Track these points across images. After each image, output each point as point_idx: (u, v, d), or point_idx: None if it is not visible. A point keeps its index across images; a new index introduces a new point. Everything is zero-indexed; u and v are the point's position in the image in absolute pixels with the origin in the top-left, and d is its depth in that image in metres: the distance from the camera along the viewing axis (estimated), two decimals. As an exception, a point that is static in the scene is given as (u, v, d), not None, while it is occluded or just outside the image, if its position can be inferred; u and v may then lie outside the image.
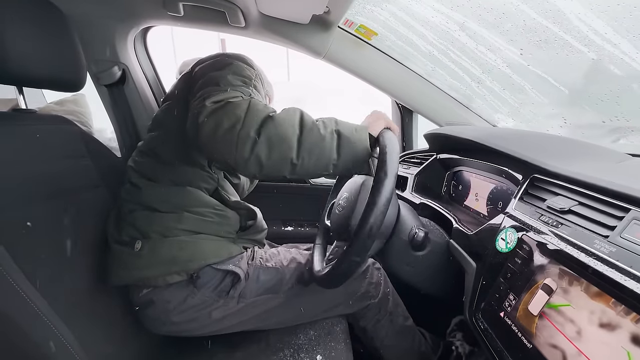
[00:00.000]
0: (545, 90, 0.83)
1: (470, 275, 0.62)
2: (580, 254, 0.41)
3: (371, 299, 0.88)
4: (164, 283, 0.74)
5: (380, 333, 0.90)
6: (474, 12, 0.70)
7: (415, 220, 0.76)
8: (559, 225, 0.47)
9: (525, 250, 0.50)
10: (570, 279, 0.41)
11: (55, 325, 0.58)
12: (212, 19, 0.95)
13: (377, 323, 0.90)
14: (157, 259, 0.73)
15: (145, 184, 0.78)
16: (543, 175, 0.58)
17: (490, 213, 0.78)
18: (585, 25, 0.58)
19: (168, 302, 0.75)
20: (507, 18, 0.67)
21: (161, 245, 0.74)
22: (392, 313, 0.91)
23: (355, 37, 1.03)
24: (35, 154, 0.71)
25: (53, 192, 0.72)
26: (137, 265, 0.73)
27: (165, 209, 0.76)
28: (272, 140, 0.59)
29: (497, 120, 1.13)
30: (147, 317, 0.78)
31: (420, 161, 1.08)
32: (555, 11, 0.59)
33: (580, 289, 0.40)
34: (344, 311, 0.88)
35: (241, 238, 0.84)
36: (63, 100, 1.11)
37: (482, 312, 0.55)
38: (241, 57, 0.80)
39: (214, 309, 0.77)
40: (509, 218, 0.57)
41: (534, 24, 0.64)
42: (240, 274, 0.78)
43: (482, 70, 0.91)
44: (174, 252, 0.73)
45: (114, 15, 0.95)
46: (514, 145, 0.66)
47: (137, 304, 0.77)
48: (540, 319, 0.43)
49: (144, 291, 0.75)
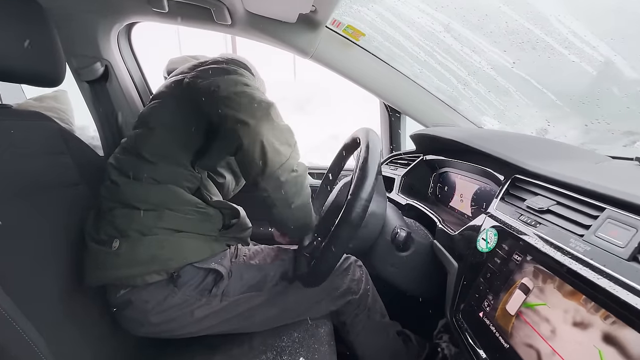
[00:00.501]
0: (529, 93, 0.84)
1: (452, 275, 0.62)
2: (557, 253, 0.41)
3: (353, 294, 0.87)
4: (143, 283, 0.72)
5: (357, 327, 0.90)
6: (458, 13, 0.70)
7: (399, 220, 0.76)
8: (537, 224, 0.47)
9: (504, 250, 0.50)
10: (545, 277, 0.41)
11: (22, 327, 0.55)
12: (197, 16, 0.93)
13: (355, 317, 0.90)
14: (135, 258, 0.71)
15: (125, 182, 0.76)
16: (524, 176, 0.58)
17: (474, 214, 0.78)
18: (565, 28, 0.59)
19: (146, 302, 0.73)
20: (490, 19, 0.68)
21: (140, 244, 0.71)
22: (370, 309, 0.91)
23: (343, 38, 1.03)
24: (9, 150, 0.68)
25: (28, 190, 0.70)
26: (114, 265, 0.71)
27: (145, 207, 0.74)
28: (307, 209, 0.77)
29: (483, 123, 1.14)
30: (125, 318, 0.75)
31: (407, 162, 1.08)
32: (536, 13, 0.60)
33: (555, 287, 0.39)
34: (327, 307, 0.87)
35: (224, 236, 0.82)
36: (43, 97, 1.08)
37: (462, 313, 0.54)
38: (238, 62, 0.82)
39: (196, 307, 0.75)
40: (490, 218, 0.57)
41: (516, 26, 0.65)
42: (223, 272, 0.77)
43: (467, 72, 0.92)
44: (154, 251, 0.71)
45: (96, 10, 0.92)
46: (496, 146, 0.67)
47: (114, 305, 0.74)
48: (517, 319, 0.43)
49: (122, 292, 0.73)
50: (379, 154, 0.66)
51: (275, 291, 0.81)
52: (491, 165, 0.69)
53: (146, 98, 1.16)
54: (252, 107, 0.69)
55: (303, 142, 2.77)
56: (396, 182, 1.04)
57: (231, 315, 0.79)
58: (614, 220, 0.38)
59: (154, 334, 0.77)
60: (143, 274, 0.71)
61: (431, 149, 0.97)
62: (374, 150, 0.65)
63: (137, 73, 1.12)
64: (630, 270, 0.33)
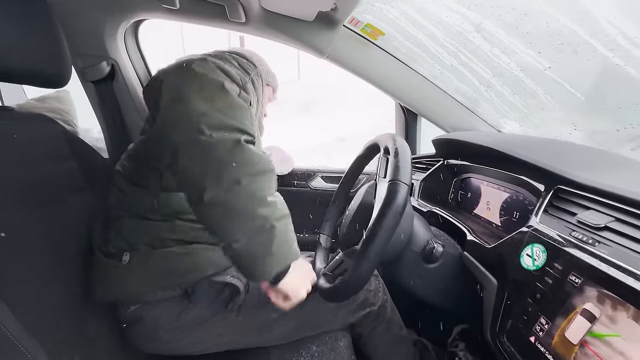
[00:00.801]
0: (559, 96, 0.80)
1: (490, 293, 0.58)
2: (628, 278, 0.37)
3: (371, 306, 0.85)
4: (155, 299, 0.68)
5: (376, 340, 0.88)
6: (493, 12, 0.66)
7: (428, 231, 0.72)
8: (596, 243, 0.44)
9: (557, 270, 0.46)
10: (615, 304, 0.38)
11: (23, 345, 0.51)
12: (210, 14, 0.89)
13: (373, 330, 0.87)
14: (147, 272, 0.67)
15: (133, 190, 0.71)
16: (568, 187, 0.54)
17: (505, 224, 0.74)
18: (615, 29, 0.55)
19: (159, 319, 0.69)
20: (528, 19, 0.64)
21: (151, 258, 0.67)
22: (389, 321, 0.89)
23: (361, 37, 0.99)
24: (12, 156, 0.64)
25: (33, 198, 0.66)
26: (125, 280, 0.67)
27: (155, 217, 0.69)
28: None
29: (502, 126, 1.10)
30: (135, 334, 0.71)
31: (425, 166, 1.05)
32: (584, 13, 0.56)
33: (629, 316, 0.36)
34: (345, 320, 0.84)
35: None
36: (45, 97, 1.03)
37: (508, 335, 0.51)
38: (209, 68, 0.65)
39: (211, 323, 0.72)
40: (533, 232, 0.54)
41: (558, 26, 0.61)
42: (240, 286, 0.72)
43: (493, 74, 0.88)
44: (166, 265, 0.67)
45: (103, 7, 0.87)
46: (534, 153, 0.63)
47: (124, 320, 0.70)
48: (581, 348, 0.39)
49: (132, 307, 0.69)
50: (410, 159, 0.62)
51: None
52: (527, 173, 0.65)
53: (153, 99, 1.11)
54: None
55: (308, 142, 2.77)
56: (415, 187, 1.00)
57: (248, 330, 0.75)
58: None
59: (166, 351, 0.73)
60: (155, 290, 0.68)
61: (453, 154, 0.93)
62: (406, 157, 0.61)
63: (144, 72, 1.07)
64: None
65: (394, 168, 0.60)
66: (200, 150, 0.52)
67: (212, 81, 0.59)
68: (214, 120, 0.54)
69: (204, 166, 0.52)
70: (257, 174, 0.55)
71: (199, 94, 0.56)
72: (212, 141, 0.52)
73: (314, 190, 1.31)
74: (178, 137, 0.54)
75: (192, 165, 0.53)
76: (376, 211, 0.61)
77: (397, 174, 0.58)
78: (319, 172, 1.33)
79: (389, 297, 0.92)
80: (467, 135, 0.84)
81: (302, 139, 4.33)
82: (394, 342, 0.90)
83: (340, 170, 1.34)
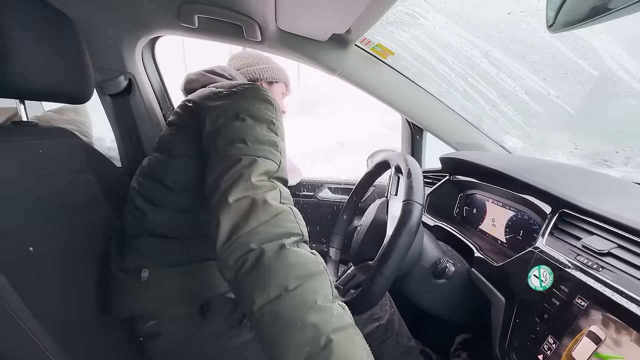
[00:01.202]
0: (562, 118, 0.84)
1: (498, 310, 0.61)
2: (631, 305, 0.40)
3: (379, 320, 0.87)
4: (172, 315, 0.70)
5: (386, 354, 0.89)
6: (502, 43, 0.70)
7: (438, 249, 0.75)
8: (600, 268, 0.47)
9: (564, 292, 0.49)
10: (619, 328, 0.41)
11: (52, 353, 0.53)
12: (227, 32, 0.92)
13: (382, 343, 0.88)
14: (164, 289, 0.68)
15: (150, 209, 0.72)
16: (573, 211, 0.58)
17: (511, 242, 0.78)
18: (617, 64, 0.59)
19: (175, 335, 0.70)
20: (535, 50, 0.68)
21: (169, 275, 0.69)
22: (397, 334, 0.91)
23: (371, 55, 1.02)
24: (38, 170, 0.67)
25: (56, 212, 0.68)
26: (144, 297, 0.68)
27: (172, 235, 0.70)
28: (270, 267, 0.47)
29: (505, 142, 1.14)
30: (152, 350, 0.73)
31: (432, 181, 1.08)
32: (589, 49, 0.60)
33: (632, 340, 0.39)
34: None
35: None
36: (62, 109, 1.06)
37: (517, 352, 0.54)
38: (259, 89, 0.70)
39: (225, 339, 0.73)
40: (540, 254, 0.57)
41: (563, 59, 0.65)
42: None
43: (498, 95, 0.92)
44: (183, 283, 0.69)
45: (124, 23, 0.90)
46: (541, 177, 0.66)
47: (141, 335, 0.72)
48: (587, 368, 0.42)
49: (150, 323, 0.70)
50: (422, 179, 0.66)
51: None
52: (533, 194, 0.69)
53: (167, 112, 1.14)
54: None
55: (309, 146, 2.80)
56: (422, 201, 1.03)
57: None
58: (694, 274, 0.38)
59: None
60: (172, 307, 0.69)
61: (458, 170, 0.96)
62: (419, 178, 0.65)
63: (159, 86, 1.09)
64: None
65: (407, 188, 0.63)
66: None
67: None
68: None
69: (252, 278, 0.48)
70: (307, 276, 0.47)
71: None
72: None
73: (321, 201, 1.34)
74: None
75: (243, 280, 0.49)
76: (391, 229, 0.64)
77: (411, 194, 0.62)
78: (327, 184, 1.36)
79: (396, 310, 0.94)
80: (474, 155, 0.87)
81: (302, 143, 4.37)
82: (404, 354, 0.91)
83: (347, 182, 1.37)
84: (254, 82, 0.88)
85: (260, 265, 0.47)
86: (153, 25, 0.92)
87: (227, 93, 0.71)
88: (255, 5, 0.78)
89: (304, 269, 0.48)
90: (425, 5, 0.71)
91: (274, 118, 0.67)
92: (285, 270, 0.47)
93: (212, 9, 0.81)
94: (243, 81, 0.90)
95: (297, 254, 0.49)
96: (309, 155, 4.18)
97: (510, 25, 0.64)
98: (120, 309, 0.70)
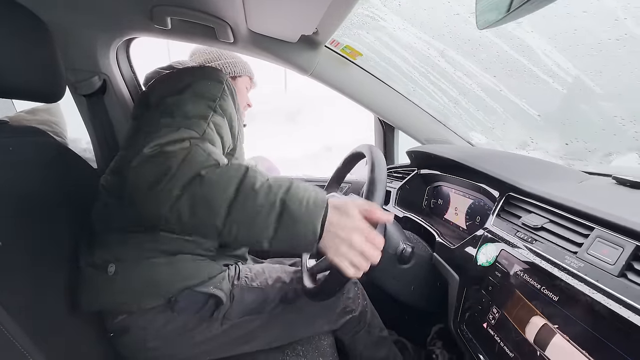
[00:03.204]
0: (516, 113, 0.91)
1: (454, 288, 0.66)
2: (554, 269, 0.45)
3: (352, 312, 0.89)
4: (139, 309, 0.71)
5: (359, 345, 0.92)
6: (454, 42, 0.76)
7: (401, 235, 0.80)
8: (533, 241, 0.52)
9: (504, 264, 0.54)
10: (545, 290, 0.45)
11: (30, 353, 0.54)
12: (200, 34, 0.94)
13: (355, 335, 0.91)
14: (131, 283, 0.69)
15: (116, 204, 0.73)
16: (517, 194, 0.63)
17: (470, 227, 0.83)
18: (550, 60, 0.66)
19: (144, 329, 0.71)
20: (482, 49, 0.74)
21: (135, 269, 0.70)
22: (370, 325, 0.93)
23: (341, 56, 1.07)
24: (7, 168, 0.67)
25: (26, 208, 0.68)
26: (110, 290, 0.69)
27: (139, 229, 0.71)
28: (196, 201, 0.49)
29: (471, 138, 1.21)
30: (122, 344, 0.73)
31: (402, 176, 1.13)
32: (525, 46, 0.66)
33: (556, 302, 0.44)
34: (326, 327, 0.88)
35: (221, 255, 0.82)
36: (35, 109, 1.05)
37: (467, 323, 0.58)
38: (206, 69, 0.75)
39: (196, 332, 0.74)
40: (488, 233, 0.62)
41: (506, 56, 0.71)
42: (223, 297, 0.75)
43: (458, 92, 0.98)
44: (150, 276, 0.70)
45: (97, 25, 0.92)
46: (491, 165, 0.72)
47: (111, 330, 0.73)
48: (521, 330, 0.47)
49: (119, 317, 0.71)
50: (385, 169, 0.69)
51: (275, 313, 0.81)
52: (486, 182, 0.74)
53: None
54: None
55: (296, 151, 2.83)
56: (392, 195, 1.08)
57: (231, 338, 0.78)
58: (603, 239, 0.43)
59: (153, 359, 0.75)
60: (139, 300, 0.70)
61: (425, 164, 1.02)
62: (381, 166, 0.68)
63: (134, 87, 1.11)
64: (621, 285, 0.38)
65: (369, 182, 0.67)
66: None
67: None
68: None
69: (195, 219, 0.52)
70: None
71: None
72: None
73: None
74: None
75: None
76: None
77: (372, 190, 0.65)
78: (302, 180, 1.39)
79: (369, 302, 0.97)
80: (435, 147, 0.93)
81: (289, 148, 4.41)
82: (376, 344, 0.94)
83: (323, 179, 1.41)
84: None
85: (194, 205, 0.49)
86: (126, 27, 0.94)
87: (178, 72, 0.74)
88: (225, 7, 0.82)
89: (228, 180, 0.50)
90: (383, 7, 0.76)
91: (217, 97, 0.68)
92: (214, 203, 0.49)
93: (183, 11, 0.84)
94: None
95: (211, 181, 0.50)
96: (296, 162, 4.21)
97: (458, 25, 0.70)
98: (89, 304, 0.70)
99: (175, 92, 0.66)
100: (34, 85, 0.70)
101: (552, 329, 0.42)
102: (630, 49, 0.54)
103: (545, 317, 0.44)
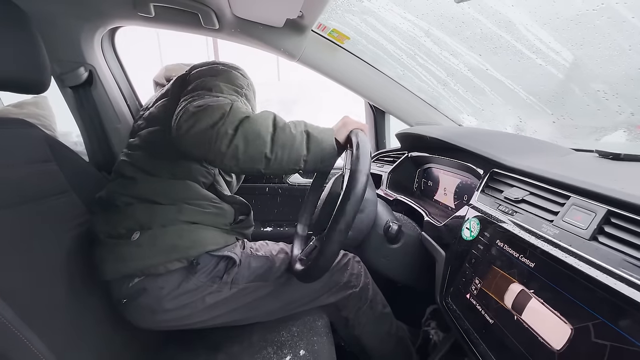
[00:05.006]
0: (503, 93, 0.91)
1: (440, 264, 0.67)
2: (531, 237, 0.46)
3: (353, 288, 0.92)
4: (165, 270, 0.75)
5: (362, 320, 0.95)
6: (437, 21, 0.76)
7: (389, 215, 0.81)
8: (514, 213, 0.53)
9: (486, 237, 0.55)
10: (522, 258, 0.47)
11: (25, 336, 0.55)
12: (184, 21, 0.94)
13: (358, 310, 0.94)
14: (157, 247, 0.75)
15: (143, 177, 0.80)
16: (501, 170, 0.64)
17: (457, 206, 0.84)
18: (532, 35, 0.66)
19: (162, 289, 0.75)
20: (466, 26, 0.74)
21: (161, 235, 0.76)
22: (372, 301, 0.96)
23: (329, 41, 1.06)
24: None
25: (18, 200, 0.69)
26: (136, 256, 0.74)
27: (165, 201, 0.79)
28: (248, 136, 0.65)
29: (462, 120, 1.21)
30: (136, 307, 0.76)
31: (393, 159, 1.13)
32: (507, 22, 0.66)
33: (533, 269, 0.45)
34: (329, 300, 0.91)
35: (234, 230, 0.88)
36: (22, 103, 1.05)
37: (451, 296, 0.60)
38: (236, 67, 0.87)
39: (207, 294, 0.78)
40: (472, 209, 0.63)
41: (490, 33, 0.71)
42: (236, 258, 0.81)
43: (446, 74, 0.98)
44: (175, 241, 0.76)
45: (80, 14, 0.91)
46: (476, 143, 0.72)
47: (125, 295, 0.75)
48: (500, 299, 0.48)
49: (136, 280, 0.75)
50: (369, 151, 0.70)
51: (280, 282, 0.85)
52: (472, 160, 0.75)
53: (132, 102, 1.15)
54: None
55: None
56: (383, 178, 1.09)
57: (238, 304, 0.82)
58: (578, 206, 0.44)
59: (163, 322, 0.78)
60: (165, 262, 0.75)
61: (415, 147, 1.02)
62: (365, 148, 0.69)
63: (121, 77, 1.10)
64: (591, 248, 0.39)
65: (354, 159, 0.68)
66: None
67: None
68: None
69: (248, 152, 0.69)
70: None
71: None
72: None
73: (292, 185, 1.38)
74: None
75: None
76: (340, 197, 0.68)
77: (357, 164, 0.66)
78: None
79: (372, 280, 0.99)
80: (422, 129, 0.93)
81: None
82: (379, 320, 0.97)
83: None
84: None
85: (247, 140, 0.65)
86: (110, 16, 0.93)
87: (212, 62, 0.87)
88: (207, -9, 0.81)
89: (266, 119, 0.68)
90: (364, -14, 0.75)
91: (244, 87, 0.82)
92: (262, 135, 0.66)
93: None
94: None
95: (256, 119, 0.67)
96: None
97: (441, 3, 0.70)
98: (111, 272, 0.74)
99: (210, 75, 0.80)
100: (17, 75, 0.70)
101: (528, 294, 0.44)
102: (608, 19, 0.54)
103: (522, 284, 0.45)
